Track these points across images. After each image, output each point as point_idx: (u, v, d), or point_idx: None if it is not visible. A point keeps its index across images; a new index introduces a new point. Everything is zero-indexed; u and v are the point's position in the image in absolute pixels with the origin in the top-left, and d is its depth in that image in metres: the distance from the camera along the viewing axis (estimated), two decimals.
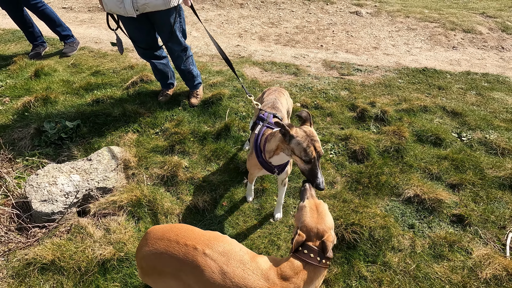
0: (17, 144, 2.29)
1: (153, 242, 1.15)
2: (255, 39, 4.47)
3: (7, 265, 1.58)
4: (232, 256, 1.11)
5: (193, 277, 1.08)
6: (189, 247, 1.10)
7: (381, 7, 5.35)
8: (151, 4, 2.04)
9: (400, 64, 3.77)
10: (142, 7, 2.04)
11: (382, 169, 2.21)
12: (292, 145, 1.32)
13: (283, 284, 1.06)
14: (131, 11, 2.04)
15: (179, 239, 1.13)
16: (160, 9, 2.10)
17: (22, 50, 3.90)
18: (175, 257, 1.10)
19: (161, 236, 1.16)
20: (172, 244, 1.12)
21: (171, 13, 2.18)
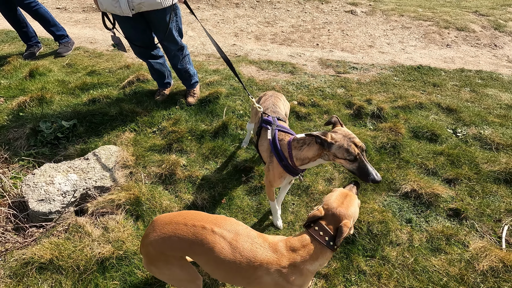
0: (13, 144, 2.27)
1: (161, 228, 1.16)
2: (251, 38, 4.48)
3: (4, 265, 1.57)
4: (239, 232, 1.14)
5: (203, 256, 1.11)
6: (197, 227, 1.12)
7: (375, 6, 5.40)
8: (147, 3, 2.03)
9: (395, 62, 3.81)
10: (137, 6, 2.03)
11: (379, 165, 2.23)
12: (333, 150, 1.31)
13: (291, 255, 1.10)
14: (127, 11, 2.03)
15: (187, 221, 1.15)
16: (156, 8, 2.09)
17: (16, 50, 3.86)
18: (184, 239, 1.12)
19: (168, 221, 1.17)
20: (180, 227, 1.14)
21: (167, 12, 2.17)
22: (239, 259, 1.08)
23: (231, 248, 1.09)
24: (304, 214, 1.96)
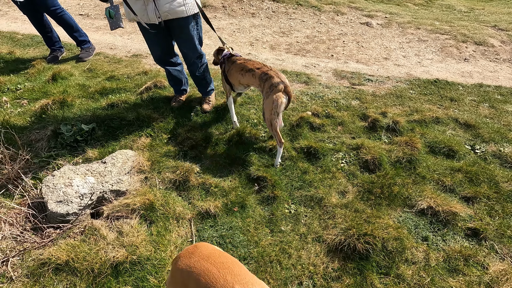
0: (34, 145, 2.34)
1: (197, 260, 1.11)
2: (266, 47, 4.53)
3: (22, 265, 1.60)
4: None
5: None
6: (228, 283, 1.02)
7: (391, 19, 5.39)
8: (173, 11, 2.12)
9: (411, 75, 3.77)
10: (164, 15, 2.12)
11: (394, 179, 2.20)
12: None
13: None
14: (154, 18, 2.11)
15: (221, 269, 1.07)
16: (180, 16, 2.17)
17: (40, 54, 4.02)
18: (210, 285, 1.03)
19: (206, 256, 1.11)
20: (213, 270, 1.06)
21: (189, 21, 2.24)
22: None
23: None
24: (316, 226, 1.94)
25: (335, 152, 2.50)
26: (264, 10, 5.67)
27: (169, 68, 2.65)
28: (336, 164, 2.41)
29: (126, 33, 4.91)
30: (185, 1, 2.13)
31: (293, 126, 2.74)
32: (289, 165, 2.38)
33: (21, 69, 3.62)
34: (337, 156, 2.47)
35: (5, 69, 3.62)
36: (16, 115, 2.71)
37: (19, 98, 3.01)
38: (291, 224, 1.97)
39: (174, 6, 2.11)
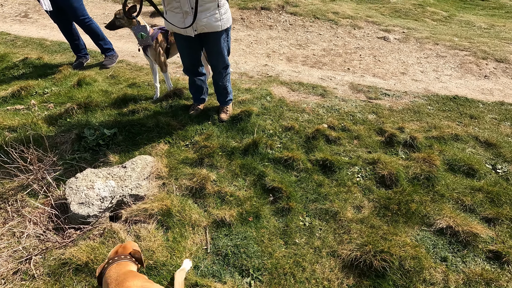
0: (59, 147, 2.44)
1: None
2: (283, 59, 4.60)
3: (43, 263, 1.66)
4: None
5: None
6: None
7: (409, 34, 5.38)
8: (209, 26, 2.21)
9: (429, 90, 3.73)
10: (200, 28, 2.22)
11: (412, 196, 2.16)
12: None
13: None
14: (190, 32, 2.21)
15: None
16: (215, 30, 2.26)
17: (67, 60, 4.20)
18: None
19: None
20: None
21: (222, 34, 2.33)
22: None
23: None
24: (331, 240, 1.93)
25: (351, 166, 2.49)
26: (281, 22, 5.77)
27: (195, 78, 2.74)
28: (351, 178, 2.39)
29: None
30: (221, 16, 2.22)
31: (308, 138, 2.75)
32: (304, 177, 2.38)
33: (49, 74, 3.79)
34: (353, 170, 2.45)
35: (34, 73, 3.81)
36: (43, 118, 2.84)
37: (46, 101, 3.15)
38: (305, 236, 1.96)
39: (211, 20, 2.19)
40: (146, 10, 6.40)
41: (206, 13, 2.16)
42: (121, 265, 1.31)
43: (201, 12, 2.13)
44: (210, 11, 2.16)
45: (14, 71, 3.92)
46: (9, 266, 1.61)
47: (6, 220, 1.86)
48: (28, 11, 6.77)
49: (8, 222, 1.84)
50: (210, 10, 2.16)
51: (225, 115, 2.93)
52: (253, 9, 6.05)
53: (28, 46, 4.76)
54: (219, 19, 2.22)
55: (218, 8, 2.18)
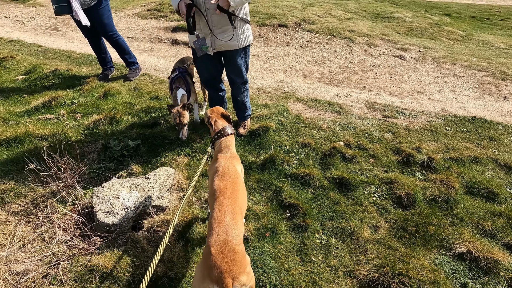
0: (86, 157, 2.57)
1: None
2: (299, 76, 4.69)
3: (71, 269, 1.74)
4: None
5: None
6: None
7: (425, 53, 5.40)
8: (226, 45, 2.35)
9: (446, 110, 3.73)
10: (218, 47, 2.38)
11: (430, 218, 2.15)
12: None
13: None
14: (210, 50, 2.34)
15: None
16: (233, 49, 2.41)
17: (93, 72, 4.43)
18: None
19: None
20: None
21: (240, 52, 2.47)
22: None
23: None
24: (348, 260, 1.93)
25: (367, 184, 2.51)
26: (298, 39, 5.91)
27: (214, 93, 2.84)
28: (368, 197, 2.41)
29: (168, 56, 5.30)
30: (239, 36, 2.36)
31: (325, 155, 2.79)
32: (320, 194, 2.41)
33: (76, 85, 4.01)
34: (369, 189, 2.47)
35: (63, 84, 4.03)
36: (71, 128, 2.99)
37: (74, 111, 3.33)
38: (321, 255, 1.98)
39: (228, 40, 2.34)
40: (168, 25, 6.69)
41: (223, 34, 2.32)
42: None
43: (218, 34, 2.30)
44: (226, 33, 2.31)
45: (44, 81, 4.15)
46: (39, 270, 1.69)
47: (37, 225, 1.96)
48: (58, 24, 7.19)
49: (39, 227, 1.94)
50: (226, 32, 2.31)
51: (243, 130, 3.01)
52: (270, 26, 6.23)
53: (57, 58, 5.04)
54: (236, 39, 2.36)
55: (235, 30, 2.31)
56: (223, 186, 1.52)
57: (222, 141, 1.81)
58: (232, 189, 1.52)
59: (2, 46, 5.63)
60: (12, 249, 1.79)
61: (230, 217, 1.38)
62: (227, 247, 1.27)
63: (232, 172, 1.62)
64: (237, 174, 1.65)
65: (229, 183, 1.55)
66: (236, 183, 1.57)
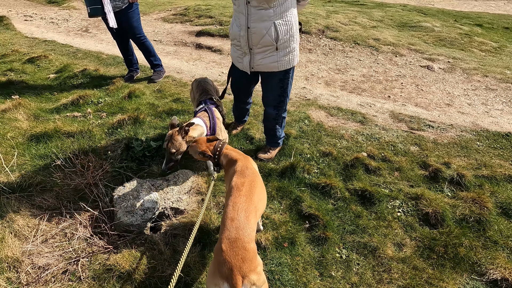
0: (110, 155, 2.61)
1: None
2: (321, 83, 4.62)
3: (89, 267, 1.75)
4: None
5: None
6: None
7: (455, 64, 5.19)
8: (264, 66, 2.20)
9: (477, 125, 3.53)
10: (256, 67, 2.23)
11: (460, 239, 2.02)
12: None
13: None
14: (247, 68, 2.25)
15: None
16: (271, 70, 2.22)
17: (119, 73, 4.56)
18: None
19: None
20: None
21: (278, 74, 2.26)
22: None
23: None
24: (370, 278, 1.84)
25: (391, 199, 2.40)
26: (321, 47, 5.85)
27: (238, 104, 2.80)
28: (392, 212, 2.30)
29: (191, 60, 5.38)
30: (280, 58, 2.16)
31: (347, 166, 2.70)
32: (341, 206, 2.33)
33: (103, 84, 4.13)
34: (394, 204, 2.36)
35: (91, 84, 4.17)
36: (96, 126, 3.07)
37: (100, 110, 3.42)
38: (341, 270, 1.89)
39: (267, 61, 2.17)
40: (192, 29, 6.82)
41: (263, 54, 2.15)
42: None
43: (257, 53, 2.16)
44: (266, 53, 2.14)
45: (73, 80, 4.32)
46: (59, 265, 1.72)
47: (60, 221, 2.00)
48: (89, 26, 7.51)
49: (61, 223, 1.98)
50: (266, 53, 2.14)
51: (263, 154, 2.72)
52: None
53: (87, 58, 5.24)
54: (276, 61, 2.16)
55: (277, 51, 2.13)
56: (240, 183, 1.52)
57: (225, 151, 1.79)
58: (249, 188, 1.51)
59: (37, 45, 5.94)
60: (36, 242, 1.83)
61: (244, 215, 1.38)
62: (238, 244, 1.27)
63: (250, 171, 1.62)
64: (255, 173, 1.65)
65: (247, 181, 1.54)
66: (254, 182, 1.56)
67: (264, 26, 2.04)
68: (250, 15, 2.03)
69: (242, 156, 1.75)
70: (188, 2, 9.61)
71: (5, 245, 1.76)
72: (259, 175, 1.69)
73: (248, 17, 2.05)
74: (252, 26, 2.06)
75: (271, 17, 2.00)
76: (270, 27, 2.03)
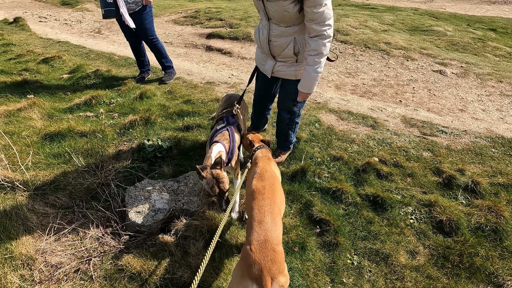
0: (121, 155, 2.64)
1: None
2: (331, 86, 4.60)
3: (101, 266, 1.76)
4: None
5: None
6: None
7: (468, 69, 5.10)
8: (284, 73, 2.22)
9: (492, 131, 3.46)
10: (276, 72, 2.25)
11: (475, 249, 1.97)
12: (204, 182, 1.73)
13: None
14: (268, 72, 2.28)
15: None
16: (290, 78, 2.24)
17: (131, 74, 4.61)
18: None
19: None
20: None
21: (296, 83, 2.26)
22: None
23: None
24: (382, 286, 1.80)
25: (403, 205, 2.36)
26: (331, 50, 5.82)
27: (259, 110, 2.77)
28: (404, 219, 2.26)
29: (201, 62, 5.41)
30: (299, 68, 2.16)
31: (358, 171, 2.67)
32: (353, 211, 2.30)
33: (115, 85, 4.18)
34: (406, 210, 2.32)
35: (103, 84, 4.23)
36: (108, 126, 3.11)
37: (112, 111, 3.46)
38: (353, 277, 1.86)
39: (287, 69, 2.20)
40: (203, 31, 6.88)
41: (284, 63, 2.19)
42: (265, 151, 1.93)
43: (279, 61, 2.19)
44: (287, 63, 2.17)
45: (86, 81, 4.38)
46: (72, 264, 1.73)
47: (72, 219, 2.02)
48: (101, 27, 7.64)
49: (74, 222, 2.00)
50: (287, 63, 2.17)
51: (273, 158, 2.63)
52: None
53: (99, 59, 5.32)
54: (296, 70, 2.17)
55: (297, 63, 2.15)
56: (261, 187, 1.56)
57: (259, 151, 1.90)
58: (271, 190, 1.55)
59: (51, 46, 6.06)
60: (49, 240, 1.85)
61: (270, 218, 1.40)
62: (267, 246, 1.28)
63: (270, 175, 1.66)
64: (274, 177, 1.69)
65: (268, 184, 1.59)
66: (274, 185, 1.61)
67: (285, 41, 2.07)
68: (271, 30, 2.07)
69: (266, 158, 1.83)
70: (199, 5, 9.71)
71: (19, 242, 1.79)
72: (278, 178, 1.73)
73: (270, 32, 2.08)
74: (274, 40, 2.09)
75: (291, 33, 2.03)
76: (291, 42, 2.06)
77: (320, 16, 1.79)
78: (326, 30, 1.85)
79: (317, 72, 2.00)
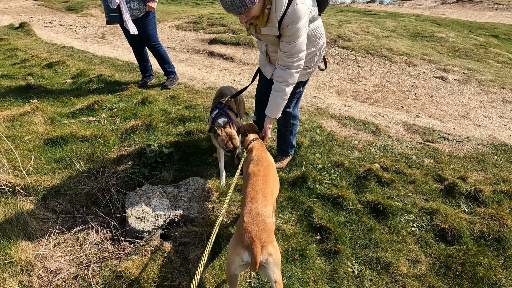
0: (122, 160, 2.65)
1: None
2: (333, 92, 4.60)
3: (100, 272, 1.75)
4: None
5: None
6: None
7: (470, 75, 5.09)
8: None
9: (494, 138, 3.44)
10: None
11: (478, 258, 1.94)
12: (219, 140, 2.05)
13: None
14: (268, 75, 2.32)
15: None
16: None
17: (133, 79, 4.65)
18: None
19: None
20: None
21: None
22: None
23: None
24: None
25: (405, 213, 2.34)
26: (333, 56, 5.84)
27: (262, 109, 2.77)
28: (406, 226, 2.24)
29: (204, 67, 5.45)
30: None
31: (359, 177, 2.66)
32: (353, 218, 2.28)
33: (118, 90, 4.22)
34: (408, 218, 2.30)
35: (106, 89, 4.26)
36: (110, 131, 3.12)
37: (114, 116, 3.48)
38: (354, 285, 1.84)
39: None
40: (205, 37, 6.93)
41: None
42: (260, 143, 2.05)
43: (272, 64, 2.26)
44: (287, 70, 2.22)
45: (89, 86, 4.42)
46: (71, 270, 1.73)
47: (72, 225, 2.02)
48: (105, 33, 7.72)
49: (74, 227, 2.00)
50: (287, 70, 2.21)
51: (274, 163, 2.77)
52: None
53: (102, 64, 5.37)
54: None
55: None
56: (257, 170, 1.72)
57: (255, 142, 2.05)
58: (265, 173, 1.71)
59: (55, 51, 6.13)
60: (48, 246, 1.85)
61: (261, 195, 1.55)
62: (258, 218, 1.43)
63: (265, 160, 1.83)
64: (269, 162, 1.85)
65: (263, 168, 1.74)
66: (269, 169, 1.77)
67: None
68: (268, 46, 2.18)
69: (261, 148, 1.99)
70: (202, 11, 9.81)
71: (19, 248, 1.79)
72: (273, 164, 1.91)
73: (268, 48, 2.19)
74: (271, 54, 2.20)
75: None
76: None
77: (290, 49, 1.88)
78: (294, 62, 1.93)
79: (283, 99, 2.10)
